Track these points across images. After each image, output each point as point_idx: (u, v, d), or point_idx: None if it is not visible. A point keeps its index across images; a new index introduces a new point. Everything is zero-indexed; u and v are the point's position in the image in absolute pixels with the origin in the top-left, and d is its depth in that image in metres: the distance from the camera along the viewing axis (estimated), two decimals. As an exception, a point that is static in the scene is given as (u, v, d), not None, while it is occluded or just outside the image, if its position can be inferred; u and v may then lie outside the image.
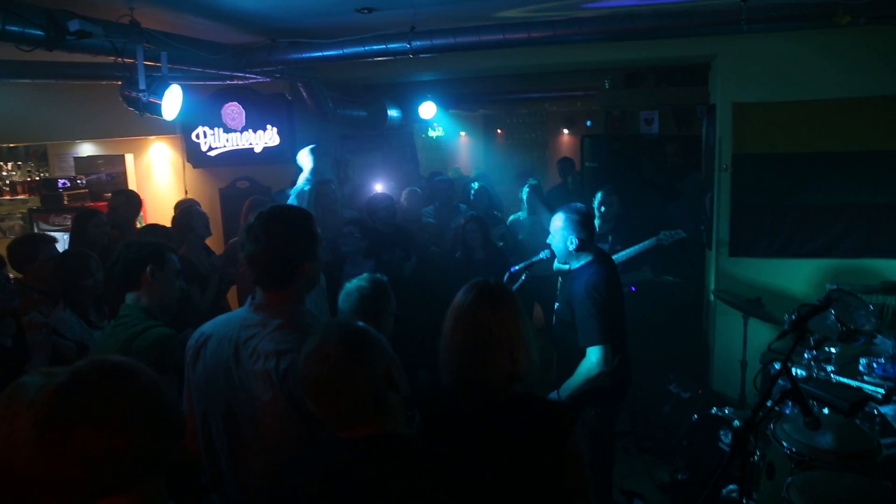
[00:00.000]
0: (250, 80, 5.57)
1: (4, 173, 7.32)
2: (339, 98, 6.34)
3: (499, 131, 13.92)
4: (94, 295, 3.63)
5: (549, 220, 3.61)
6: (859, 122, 4.71)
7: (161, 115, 4.00)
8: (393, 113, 7.00)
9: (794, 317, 2.69)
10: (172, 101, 4.06)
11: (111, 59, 3.86)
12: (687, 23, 4.21)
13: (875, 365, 3.64)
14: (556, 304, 3.58)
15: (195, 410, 2.09)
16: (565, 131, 13.30)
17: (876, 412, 3.54)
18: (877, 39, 4.54)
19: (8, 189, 7.05)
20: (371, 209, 5.39)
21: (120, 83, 4.10)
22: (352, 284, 2.83)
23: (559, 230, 3.45)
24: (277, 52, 4.90)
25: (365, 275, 2.87)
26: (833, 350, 3.93)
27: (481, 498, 1.56)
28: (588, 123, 11.49)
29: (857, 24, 3.89)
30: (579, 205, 3.58)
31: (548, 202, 5.99)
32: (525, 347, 1.93)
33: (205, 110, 6.15)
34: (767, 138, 4.85)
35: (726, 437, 4.09)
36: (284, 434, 1.93)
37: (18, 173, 7.36)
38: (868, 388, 3.49)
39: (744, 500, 3.26)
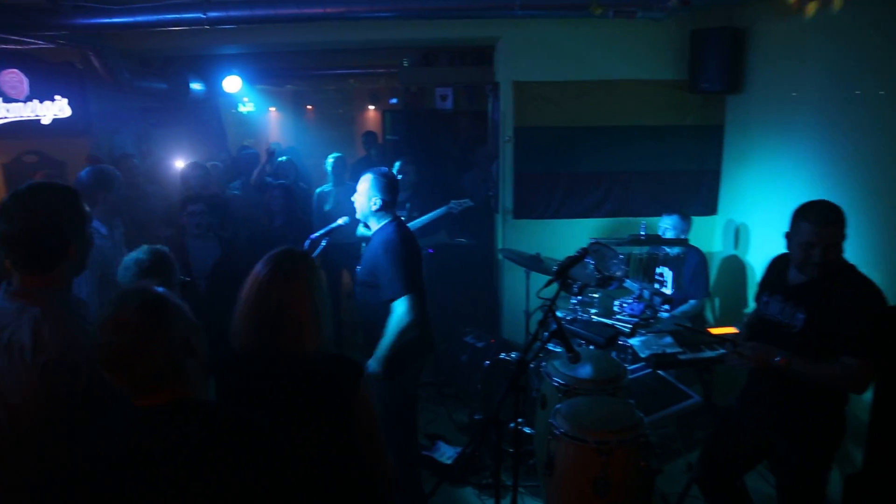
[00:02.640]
0: (30, 46, 4.94)
1: None
2: (137, 69, 5.81)
3: (308, 107, 13.60)
4: None
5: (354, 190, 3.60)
6: (615, 100, 5.17)
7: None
8: (196, 86, 6.58)
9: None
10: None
11: None
12: (470, 5, 4.36)
13: (625, 305, 4.09)
14: (358, 268, 3.59)
15: None
16: (371, 107, 13.29)
17: (628, 344, 3.99)
18: (623, 31, 4.98)
19: None
20: (185, 177, 5.23)
21: None
22: (130, 257, 2.58)
23: (365, 190, 3.44)
24: (60, 15, 4.37)
25: (144, 246, 2.62)
26: (595, 295, 4.36)
27: (279, 458, 1.53)
28: (393, 101, 11.56)
29: (608, 17, 4.25)
30: (385, 169, 3.60)
31: (353, 174, 6.00)
32: (316, 318, 1.91)
33: (-23, 77, 5.36)
34: (543, 113, 5.17)
35: (513, 378, 4.40)
36: (45, 431, 1.72)
37: None
38: (620, 325, 3.91)
39: (526, 430, 3.55)
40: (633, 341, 3.88)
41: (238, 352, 1.93)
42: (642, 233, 4.13)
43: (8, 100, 5.46)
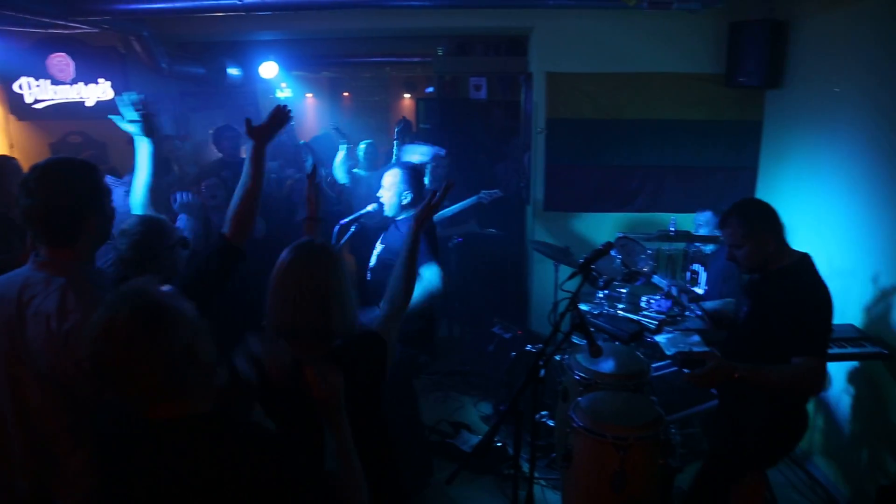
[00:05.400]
0: (76, 30, 5.07)
1: None
2: (176, 54, 5.93)
3: (345, 94, 13.70)
4: None
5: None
6: (650, 94, 5.07)
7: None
8: (233, 71, 6.68)
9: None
10: (-22, 46, 3.62)
11: None
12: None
13: (652, 301, 4.03)
14: (381, 248, 3.63)
15: None
16: (406, 95, 13.33)
17: (654, 341, 3.94)
18: (658, 23, 4.89)
19: None
20: (216, 140, 5.36)
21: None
22: (118, 230, 2.48)
23: (395, 184, 3.49)
24: (104, 1, 4.49)
25: (133, 217, 2.57)
26: (623, 290, 4.32)
27: (297, 469, 1.45)
28: (429, 90, 11.56)
29: (642, 8, 4.17)
30: (413, 163, 3.65)
31: (387, 161, 6.04)
32: (340, 303, 1.94)
33: (28, 59, 5.53)
34: (575, 105, 5.12)
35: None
36: (71, 396, 1.81)
37: None
38: (645, 321, 3.87)
39: (549, 422, 3.54)
40: (660, 338, 3.84)
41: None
42: (672, 229, 4.07)
43: (56, 82, 5.65)
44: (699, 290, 4.47)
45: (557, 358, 3.94)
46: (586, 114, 5.13)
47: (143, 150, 2.87)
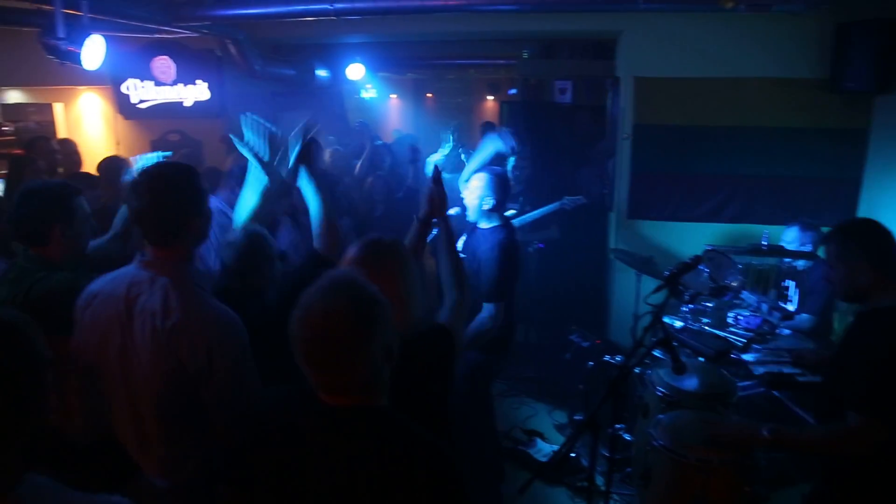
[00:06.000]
0: (179, 35, 5.35)
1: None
2: (268, 57, 6.16)
3: (428, 95, 13.84)
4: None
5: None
6: (741, 100, 4.88)
7: (81, 65, 3.81)
8: (322, 73, 6.87)
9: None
10: (94, 51, 3.87)
11: (29, 4, 3.65)
12: (592, -4, 4.27)
13: (741, 318, 3.87)
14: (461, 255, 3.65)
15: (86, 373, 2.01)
16: (490, 97, 13.33)
17: (741, 359, 3.78)
18: (756, 26, 4.68)
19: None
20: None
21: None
22: (227, 240, 2.62)
23: (478, 189, 3.50)
24: (203, 7, 4.73)
25: (240, 230, 2.67)
26: (709, 304, 4.16)
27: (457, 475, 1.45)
28: (512, 91, 11.52)
29: (739, 11, 4.00)
30: (499, 169, 3.64)
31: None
32: (402, 302, 1.91)
33: (134, 62, 5.90)
34: (664, 111, 4.98)
35: (616, 382, 4.30)
36: (176, 395, 1.91)
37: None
38: (733, 338, 3.71)
39: (626, 436, 3.45)
40: (747, 357, 3.68)
41: None
42: (764, 242, 3.88)
43: (158, 83, 5.99)
44: (791, 308, 4.26)
45: (638, 370, 3.85)
46: (676, 120, 4.97)
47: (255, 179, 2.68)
